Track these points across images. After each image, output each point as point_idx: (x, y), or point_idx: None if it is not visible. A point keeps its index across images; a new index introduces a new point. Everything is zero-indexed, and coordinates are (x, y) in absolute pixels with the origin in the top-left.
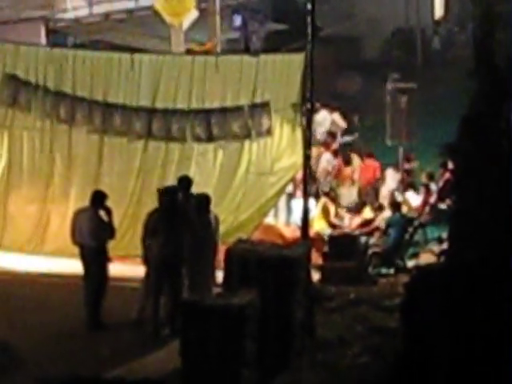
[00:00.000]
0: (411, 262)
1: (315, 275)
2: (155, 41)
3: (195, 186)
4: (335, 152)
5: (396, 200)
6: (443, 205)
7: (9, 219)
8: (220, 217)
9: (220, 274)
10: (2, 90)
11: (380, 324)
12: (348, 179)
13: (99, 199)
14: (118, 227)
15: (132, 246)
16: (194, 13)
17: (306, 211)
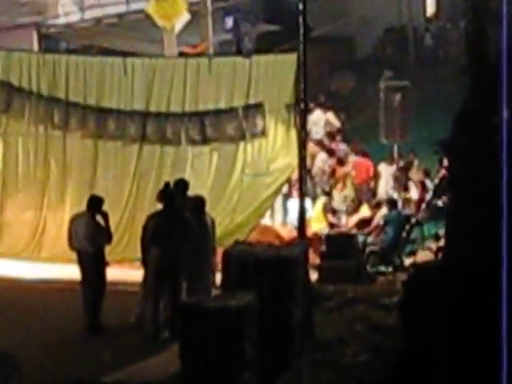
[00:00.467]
0: (409, 260)
1: (313, 275)
2: (148, 44)
3: (191, 189)
4: (330, 151)
5: (392, 198)
6: (440, 202)
7: (5, 226)
8: (216, 219)
9: (218, 276)
10: None
11: (379, 322)
12: (340, 182)
13: (96, 204)
14: (115, 231)
15: (129, 250)
16: (186, 15)
17: (303, 211)
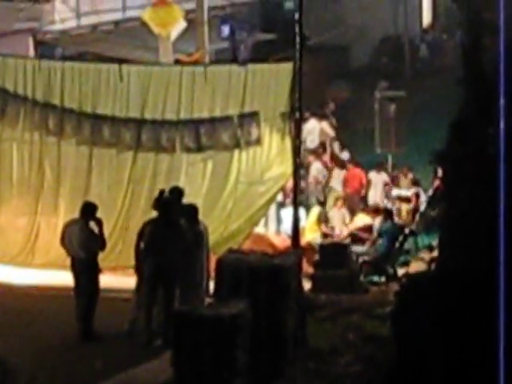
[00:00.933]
0: (402, 270)
1: (306, 284)
2: (143, 52)
3: (185, 197)
4: (325, 161)
5: (388, 207)
6: (433, 212)
7: None
8: (210, 227)
9: (212, 284)
10: None
11: (372, 332)
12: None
13: (89, 211)
14: (108, 238)
15: (122, 257)
16: (182, 23)
17: (296, 220)
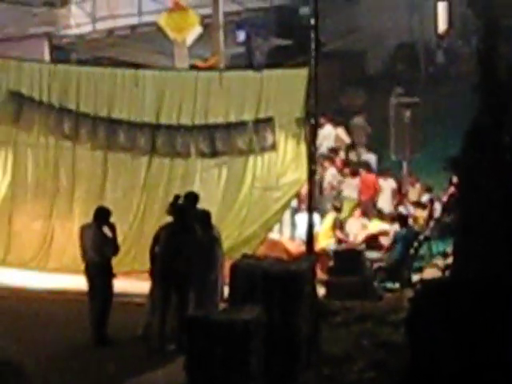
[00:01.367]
0: (416, 277)
1: (320, 290)
2: (159, 56)
3: (200, 202)
4: (340, 167)
5: (403, 213)
6: (448, 219)
7: (14, 236)
8: (225, 232)
9: (226, 289)
10: (6, 107)
11: (386, 339)
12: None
13: (103, 215)
14: (123, 243)
15: (137, 262)
16: (198, 28)
17: (311, 226)
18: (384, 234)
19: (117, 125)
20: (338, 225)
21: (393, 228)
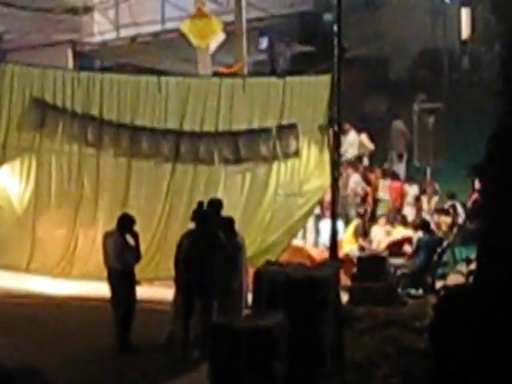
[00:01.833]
0: (440, 283)
1: (344, 296)
2: (182, 63)
3: (223, 209)
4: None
5: (426, 220)
6: (471, 225)
7: (37, 243)
8: (248, 239)
9: (249, 296)
10: (30, 114)
11: (409, 345)
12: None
13: (126, 223)
14: (147, 250)
15: (160, 269)
16: (221, 35)
17: (335, 232)
18: (407, 241)
19: (140, 132)
20: (361, 231)
21: (416, 235)
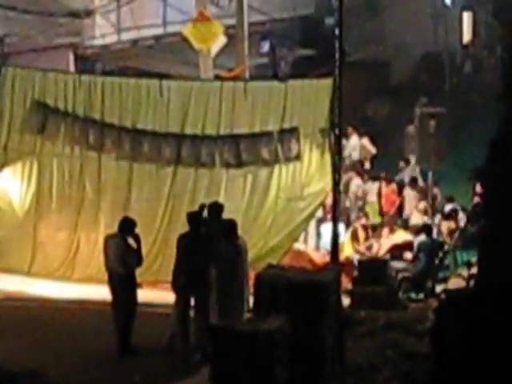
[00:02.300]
0: (441, 287)
1: (345, 300)
2: (183, 67)
3: (225, 212)
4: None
5: (427, 223)
6: (473, 229)
7: (39, 246)
8: (250, 242)
9: (251, 299)
10: (31, 117)
11: (410, 349)
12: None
13: (128, 226)
14: (148, 253)
15: (162, 272)
16: (223, 39)
17: (336, 236)
18: (408, 245)
19: (142, 135)
20: (355, 236)
21: (417, 238)
